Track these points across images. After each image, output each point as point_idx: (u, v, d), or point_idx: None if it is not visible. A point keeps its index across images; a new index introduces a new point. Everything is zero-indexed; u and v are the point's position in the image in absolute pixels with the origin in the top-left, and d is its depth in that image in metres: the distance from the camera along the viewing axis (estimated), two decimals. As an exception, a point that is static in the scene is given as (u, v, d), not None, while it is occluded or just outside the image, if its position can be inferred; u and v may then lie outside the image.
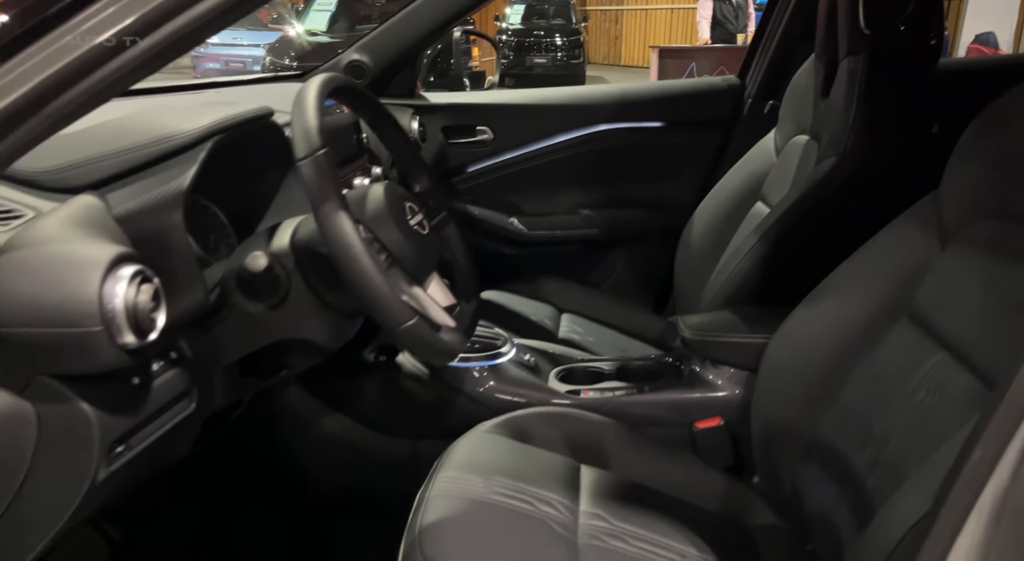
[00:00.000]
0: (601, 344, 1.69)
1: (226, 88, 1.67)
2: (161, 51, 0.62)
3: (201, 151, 0.86)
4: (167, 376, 0.82)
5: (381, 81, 1.83)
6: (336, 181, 0.82)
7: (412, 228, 0.96)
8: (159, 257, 0.79)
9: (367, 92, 1.01)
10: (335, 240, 0.80)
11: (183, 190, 0.81)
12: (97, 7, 0.59)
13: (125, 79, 0.62)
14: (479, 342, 1.39)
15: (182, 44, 0.64)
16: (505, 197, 1.99)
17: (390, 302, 0.82)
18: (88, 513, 0.76)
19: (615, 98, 1.95)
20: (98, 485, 0.71)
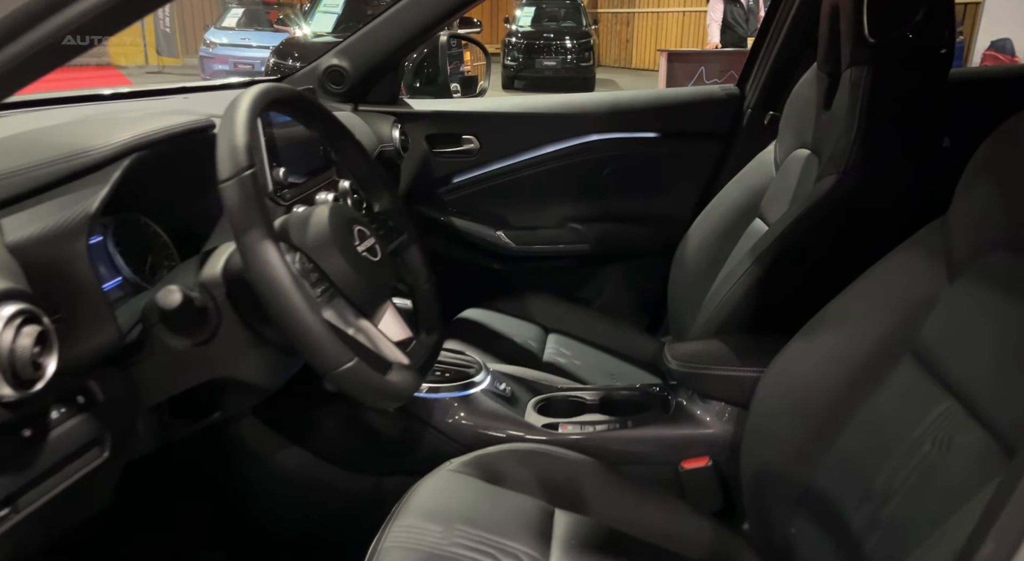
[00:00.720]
0: (588, 367, 1.60)
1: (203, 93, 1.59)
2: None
3: (115, 170, 0.77)
4: (71, 424, 0.73)
5: (361, 87, 1.74)
6: (263, 206, 0.73)
7: (360, 255, 0.87)
8: (59, 292, 0.71)
9: (315, 102, 0.92)
10: (259, 273, 0.71)
11: (88, 215, 0.72)
12: None
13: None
14: (451, 370, 1.30)
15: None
16: (491, 209, 1.90)
17: (322, 343, 0.73)
18: None
19: (607, 107, 1.86)
20: None
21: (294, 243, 0.83)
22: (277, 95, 0.84)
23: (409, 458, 1.24)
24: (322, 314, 0.75)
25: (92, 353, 0.74)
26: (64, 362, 0.72)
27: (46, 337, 0.63)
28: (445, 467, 1.07)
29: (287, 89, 0.86)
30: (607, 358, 1.67)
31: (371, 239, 0.91)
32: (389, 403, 0.83)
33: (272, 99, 0.83)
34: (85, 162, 0.76)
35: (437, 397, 1.24)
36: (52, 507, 0.71)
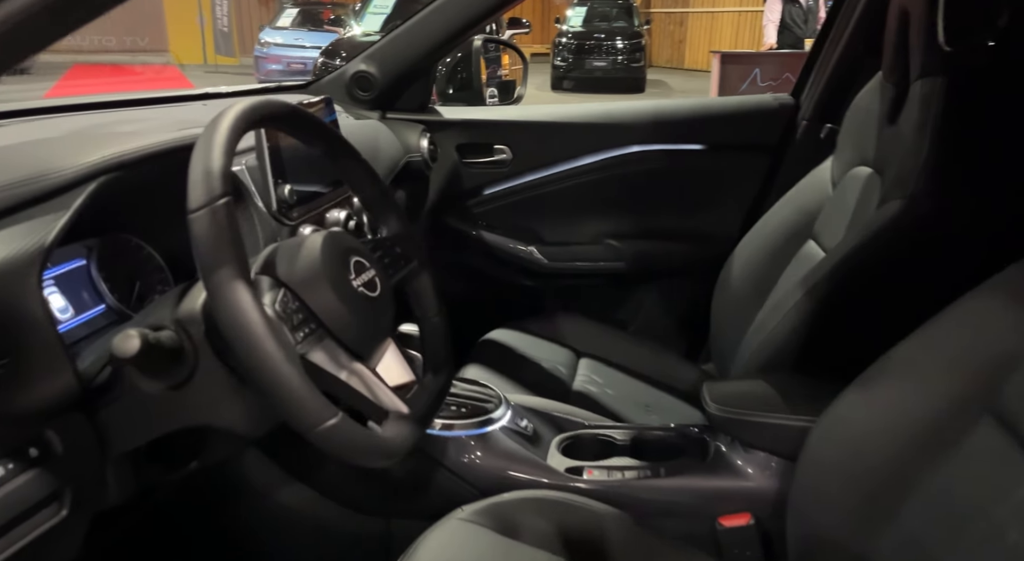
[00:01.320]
0: (622, 397, 1.48)
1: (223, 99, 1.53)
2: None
3: (78, 195, 0.69)
4: (20, 481, 0.65)
5: (390, 94, 1.67)
6: (236, 240, 0.65)
7: (355, 291, 0.78)
8: (8, 334, 0.63)
9: (312, 117, 0.84)
10: (228, 318, 0.63)
11: (43, 248, 0.65)
12: None
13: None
14: (467, 405, 1.20)
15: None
16: (524, 223, 1.80)
17: (299, 397, 0.64)
18: None
19: (649, 117, 1.74)
20: None
21: (280, 277, 0.74)
22: (266, 111, 0.76)
23: (419, 501, 1.14)
24: (300, 363, 0.66)
25: (45, 401, 0.67)
26: (9, 413, 0.65)
27: None
28: (455, 515, 0.98)
29: (278, 104, 0.78)
30: (642, 387, 1.56)
31: (370, 271, 0.81)
32: (381, 462, 0.74)
33: (260, 116, 0.75)
34: (43, 187, 0.69)
35: (451, 435, 1.15)
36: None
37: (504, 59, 2.18)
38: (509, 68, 2.23)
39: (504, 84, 2.04)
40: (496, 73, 2.14)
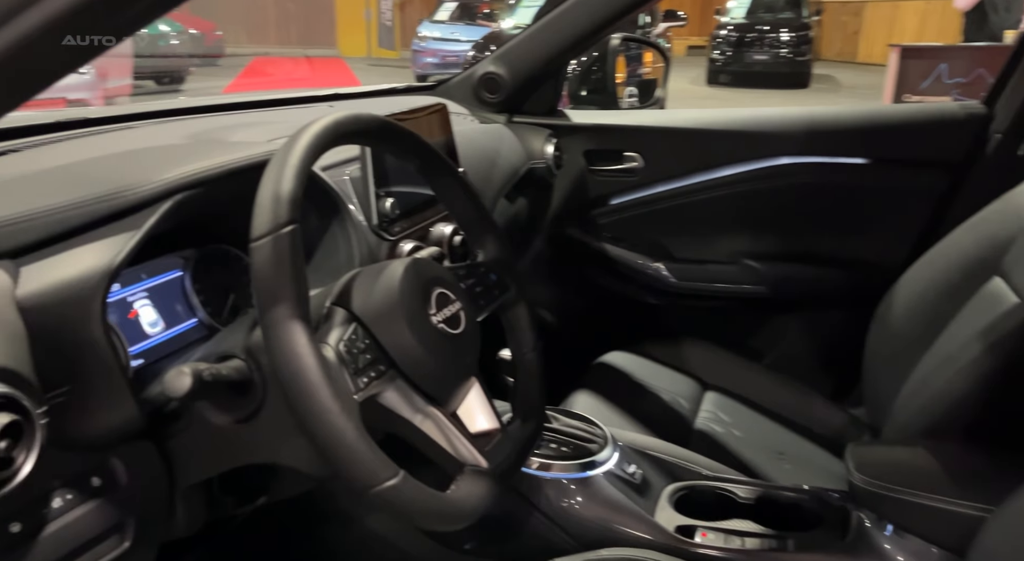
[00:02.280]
0: (751, 440, 1.32)
1: (351, 100, 1.51)
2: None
3: (151, 214, 0.66)
4: (81, 512, 0.63)
5: (518, 96, 1.59)
6: (297, 274, 0.58)
7: (434, 327, 0.70)
8: (69, 359, 0.60)
9: (403, 132, 0.76)
10: (280, 361, 0.57)
11: (110, 269, 0.61)
12: None
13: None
14: (569, 443, 1.10)
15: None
16: (653, 237, 1.66)
17: (354, 455, 0.57)
18: None
19: (804, 125, 1.54)
20: None
21: (353, 310, 0.67)
22: (351, 127, 0.69)
23: (510, 544, 1.05)
24: (358, 415, 0.59)
25: (107, 429, 0.64)
26: (70, 441, 0.62)
27: (15, 430, 0.52)
28: None
29: (365, 119, 0.71)
30: (777, 429, 1.38)
31: (454, 305, 0.73)
32: (449, 526, 0.65)
33: (343, 132, 0.68)
34: (118, 205, 0.65)
35: (549, 476, 1.05)
36: None
37: (647, 57, 2.04)
38: (652, 66, 2.08)
39: (645, 83, 1.91)
40: (636, 71, 2.01)
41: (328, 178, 0.97)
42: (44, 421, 0.55)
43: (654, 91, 1.89)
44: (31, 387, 0.54)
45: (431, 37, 10.67)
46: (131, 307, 0.78)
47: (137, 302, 0.78)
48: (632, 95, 1.98)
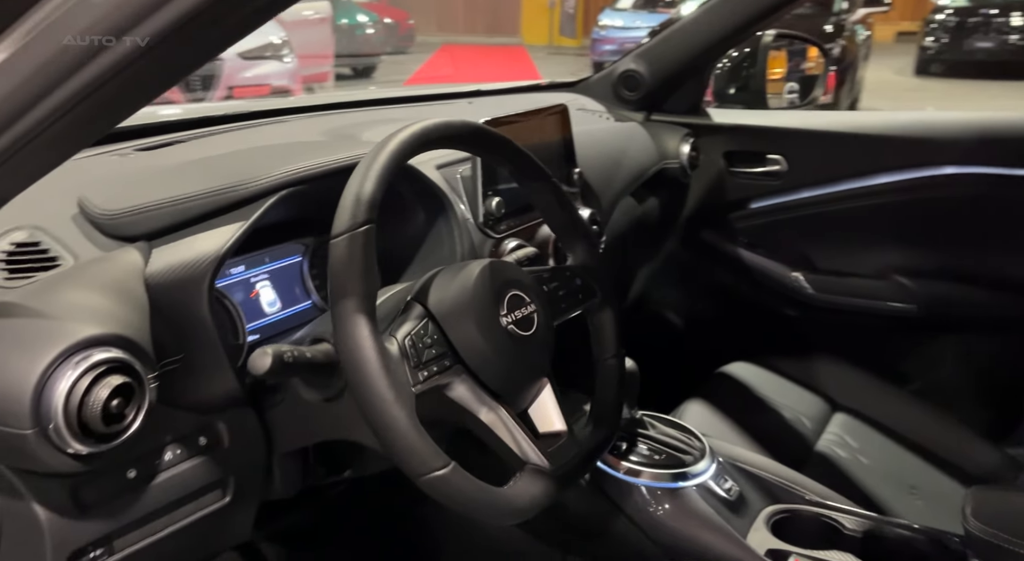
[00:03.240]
0: (879, 469, 1.23)
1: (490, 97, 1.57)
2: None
3: (257, 208, 0.74)
4: (188, 466, 0.72)
5: (658, 94, 1.57)
6: (369, 271, 0.63)
7: (503, 328, 0.72)
8: (181, 333, 0.69)
9: (493, 135, 0.79)
10: (345, 351, 0.62)
11: (217, 257, 0.70)
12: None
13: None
14: (664, 451, 1.08)
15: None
16: (792, 245, 1.57)
17: (405, 443, 0.62)
18: None
19: (976, 132, 1.38)
20: None
21: (428, 306, 0.72)
22: (440, 133, 0.73)
23: (595, 543, 1.06)
24: (412, 406, 0.63)
25: (213, 396, 0.73)
26: (181, 403, 0.72)
27: (128, 390, 0.61)
28: None
29: (457, 125, 0.75)
30: (913, 461, 1.27)
31: (528, 307, 0.75)
32: (500, 519, 0.68)
33: (433, 138, 0.72)
34: (233, 197, 0.74)
35: (635, 482, 1.04)
36: (156, 549, 0.71)
37: (811, 51, 1.91)
38: (816, 61, 1.95)
39: (806, 79, 1.79)
40: (799, 66, 1.89)
41: (442, 176, 1.03)
42: (155, 385, 0.64)
43: (814, 88, 1.77)
44: (145, 354, 0.63)
45: (611, 25, 10.59)
46: (253, 287, 0.88)
47: (259, 283, 0.88)
48: (792, 91, 1.86)
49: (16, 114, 0.47)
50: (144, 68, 0.45)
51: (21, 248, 0.68)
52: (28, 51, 0.45)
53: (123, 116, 0.53)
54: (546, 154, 1.16)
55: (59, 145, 0.52)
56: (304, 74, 5.83)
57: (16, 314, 0.60)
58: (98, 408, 0.59)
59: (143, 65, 0.45)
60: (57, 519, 0.62)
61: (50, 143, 0.50)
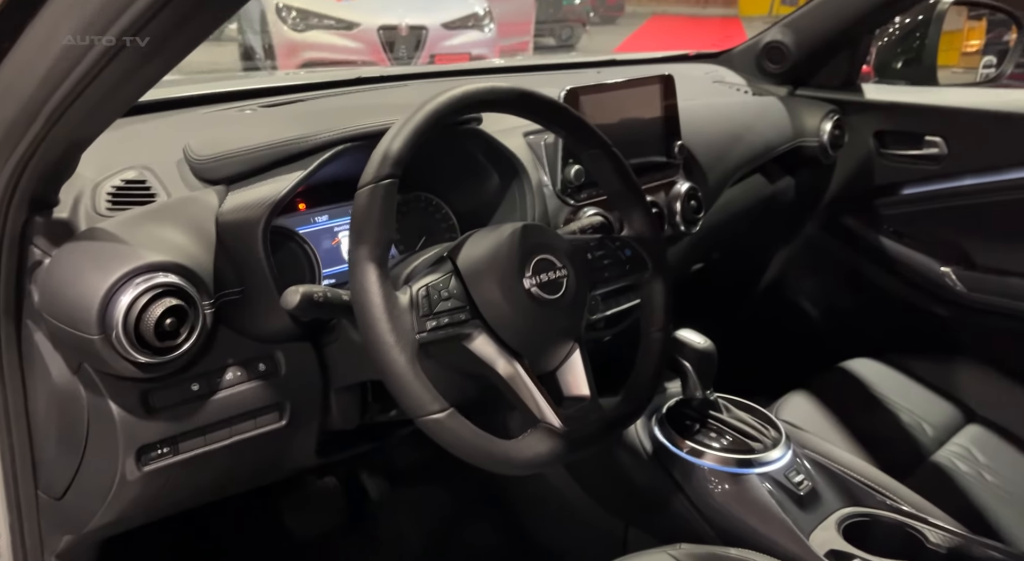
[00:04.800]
0: (1007, 493, 1.10)
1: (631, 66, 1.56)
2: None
3: (315, 160, 0.81)
4: (246, 387, 0.82)
5: (804, 68, 1.47)
6: (385, 222, 0.68)
7: (524, 290, 0.75)
8: (240, 269, 0.80)
9: (550, 102, 0.80)
10: (355, 295, 0.68)
11: (272, 201, 0.77)
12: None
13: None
14: (733, 435, 1.04)
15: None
16: (945, 237, 1.41)
17: (404, 384, 0.66)
18: (142, 510, 0.81)
19: None
20: (130, 483, 0.76)
21: (456, 263, 0.76)
22: (484, 97, 0.76)
23: (655, 518, 1.06)
24: (413, 351, 0.68)
25: (271, 329, 0.82)
26: (244, 330, 0.82)
27: (178, 313, 0.71)
28: (669, 549, 0.89)
29: (502, 90, 0.77)
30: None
31: (557, 272, 0.77)
32: (500, 469, 0.72)
33: (473, 102, 0.75)
34: (295, 149, 0.82)
35: (696, 462, 1.02)
36: (217, 456, 0.82)
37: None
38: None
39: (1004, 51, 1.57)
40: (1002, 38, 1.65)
41: (526, 143, 1.06)
42: (210, 311, 0.75)
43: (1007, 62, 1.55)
44: (202, 283, 0.74)
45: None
46: (335, 236, 0.97)
47: (341, 232, 0.97)
48: (989, 65, 1.65)
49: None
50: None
51: (129, 184, 0.81)
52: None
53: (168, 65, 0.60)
54: (644, 125, 1.14)
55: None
56: (503, 44, 5.98)
57: (101, 237, 0.73)
58: (151, 323, 0.69)
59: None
60: (128, 417, 0.75)
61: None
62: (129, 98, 0.64)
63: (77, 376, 0.76)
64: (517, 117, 0.83)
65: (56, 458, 0.81)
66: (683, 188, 1.16)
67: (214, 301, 0.76)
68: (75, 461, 0.80)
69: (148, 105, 1.02)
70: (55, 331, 0.72)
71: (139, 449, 0.76)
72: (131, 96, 0.64)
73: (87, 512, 0.81)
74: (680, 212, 1.15)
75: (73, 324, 0.69)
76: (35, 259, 0.73)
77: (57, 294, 0.71)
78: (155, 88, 0.63)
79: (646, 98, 1.13)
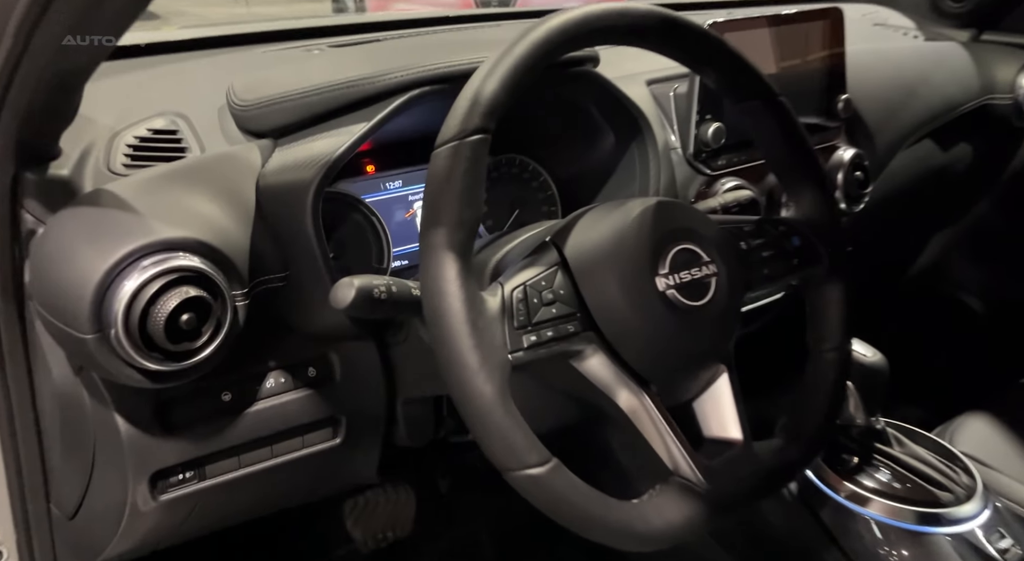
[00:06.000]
0: None
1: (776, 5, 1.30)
2: None
3: (384, 108, 0.61)
4: (292, 397, 0.65)
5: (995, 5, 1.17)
6: (468, 193, 0.48)
7: (658, 292, 0.53)
8: (287, 247, 0.62)
9: (701, 30, 0.57)
10: (426, 294, 0.49)
11: (327, 160, 0.59)
12: None
13: None
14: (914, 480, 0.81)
15: None
16: None
17: (490, 424, 0.47)
18: (165, 537, 0.66)
19: None
20: (145, 514, 0.61)
21: (564, 253, 0.56)
22: (610, 22, 0.54)
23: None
24: (504, 378, 0.48)
25: (325, 325, 0.64)
26: (289, 325, 0.65)
27: (200, 306, 0.53)
28: None
29: (636, 12, 0.55)
30: None
31: (704, 268, 0.55)
32: (614, 543, 0.51)
33: (595, 29, 0.53)
34: (358, 93, 0.62)
35: (862, 512, 0.79)
36: (256, 482, 0.65)
37: None
38: None
39: None
40: None
41: (650, 93, 0.83)
42: (243, 303, 0.57)
43: None
44: (232, 267, 0.56)
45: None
46: (410, 206, 0.78)
47: (418, 202, 0.78)
48: None
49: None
50: None
51: (157, 135, 0.64)
52: None
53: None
54: (801, 74, 0.90)
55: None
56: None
57: (107, 203, 0.56)
58: (162, 320, 0.52)
59: None
60: (139, 435, 0.59)
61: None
62: (120, 14, 0.46)
63: (80, 377, 0.60)
64: (638, 56, 0.61)
65: (64, 469, 0.66)
66: (847, 155, 0.91)
67: (249, 290, 0.58)
68: (84, 479, 0.65)
69: (196, 42, 0.84)
70: (46, 323, 0.55)
71: (155, 475, 0.60)
72: (122, 11, 0.45)
73: (100, 538, 0.66)
74: (842, 185, 0.90)
75: (62, 317, 0.52)
76: (28, 227, 0.57)
77: (45, 276, 0.54)
78: (209, 26, 0.45)
79: (805, 39, 0.89)
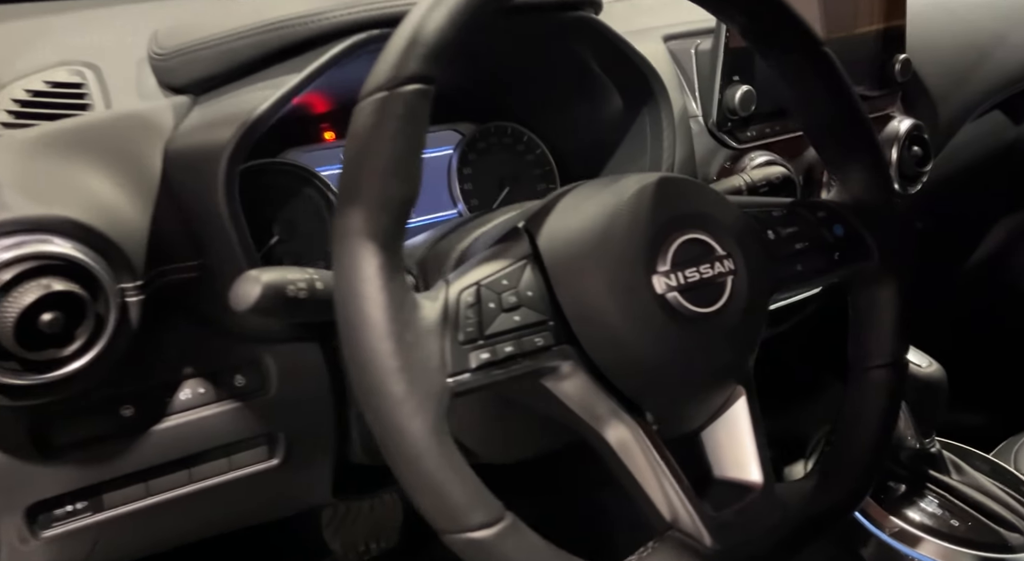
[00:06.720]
0: None
1: None
2: None
3: (318, 57, 0.49)
4: (213, 411, 0.54)
5: None
6: (402, 160, 0.36)
7: (655, 294, 0.41)
8: (198, 228, 0.51)
9: None
10: (337, 292, 0.37)
11: (244, 123, 0.47)
12: None
13: None
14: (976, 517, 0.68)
15: None
16: None
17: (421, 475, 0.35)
18: None
19: None
20: (27, 553, 0.50)
21: (537, 242, 0.43)
22: None
23: None
24: (440, 411, 0.36)
25: (252, 323, 0.53)
26: (209, 324, 0.53)
27: (66, 303, 0.43)
28: None
29: None
30: None
31: (718, 264, 0.43)
32: None
33: None
34: (286, 37, 0.51)
35: (911, 554, 0.67)
36: (170, 511, 0.55)
37: None
38: None
39: None
40: None
41: (667, 50, 0.70)
42: (137, 298, 0.46)
43: None
44: (120, 255, 0.45)
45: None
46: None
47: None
48: None
49: None
50: None
51: (56, 88, 0.53)
52: None
53: None
54: (851, 28, 0.76)
55: None
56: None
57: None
58: (10, 321, 0.41)
59: None
60: (9, 461, 0.48)
61: None
62: None
63: None
64: (655, 9, 0.49)
65: None
66: (903, 126, 0.77)
67: (147, 283, 0.47)
68: None
69: None
70: None
71: (31, 507, 0.49)
72: None
73: None
74: (897, 162, 0.77)
75: None
76: None
77: None
78: None
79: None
